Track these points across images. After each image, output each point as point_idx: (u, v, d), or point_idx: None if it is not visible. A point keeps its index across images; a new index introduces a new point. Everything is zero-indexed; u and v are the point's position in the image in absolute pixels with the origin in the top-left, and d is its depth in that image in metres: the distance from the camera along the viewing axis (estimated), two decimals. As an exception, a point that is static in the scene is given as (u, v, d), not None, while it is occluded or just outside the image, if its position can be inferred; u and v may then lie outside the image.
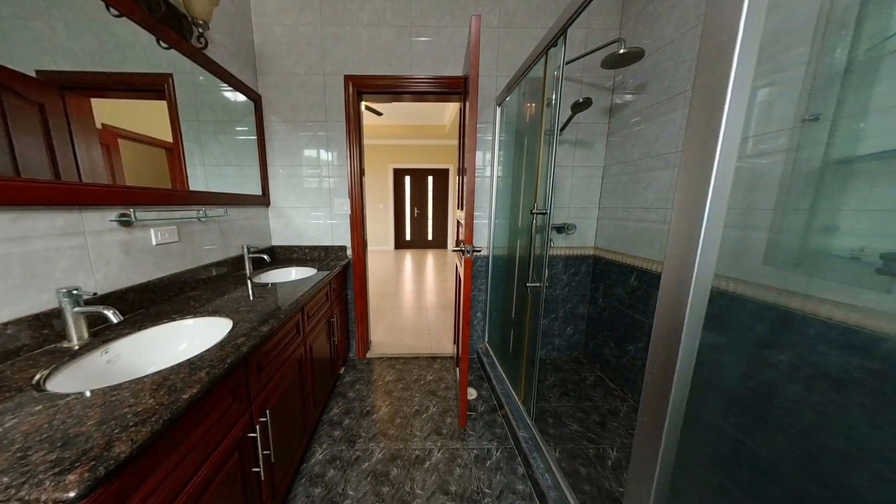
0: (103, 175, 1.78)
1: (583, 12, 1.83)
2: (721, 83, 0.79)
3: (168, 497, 1.11)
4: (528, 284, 2.58)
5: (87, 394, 1.12)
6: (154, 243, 2.09)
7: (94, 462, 0.83)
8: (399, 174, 12.29)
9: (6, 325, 1.35)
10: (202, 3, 2.30)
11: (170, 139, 2.25)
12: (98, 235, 1.73)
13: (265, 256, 3.03)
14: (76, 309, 1.49)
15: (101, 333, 1.61)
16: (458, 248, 2.77)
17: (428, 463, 2.51)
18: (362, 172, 3.77)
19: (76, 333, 1.50)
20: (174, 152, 2.29)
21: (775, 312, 1.72)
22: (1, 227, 1.35)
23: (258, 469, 1.69)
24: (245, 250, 2.94)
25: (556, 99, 2.16)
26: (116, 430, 0.93)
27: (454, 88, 3.54)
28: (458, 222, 3.30)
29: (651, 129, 2.96)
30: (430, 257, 11.51)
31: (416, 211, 12.73)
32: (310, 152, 3.65)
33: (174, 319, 1.82)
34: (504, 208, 3.58)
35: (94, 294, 1.68)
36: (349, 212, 3.77)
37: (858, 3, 1.43)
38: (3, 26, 1.39)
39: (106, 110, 1.78)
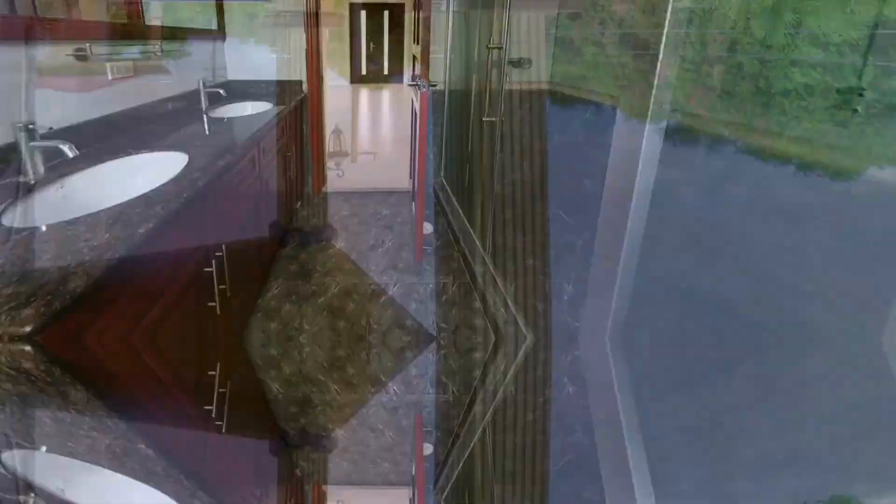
0: (59, 9, 1.71)
1: None
2: None
3: (124, 331, 1.16)
4: (483, 119, 2.56)
5: (43, 228, 1.15)
6: (110, 78, 2.05)
7: (50, 297, 0.83)
8: (354, 9, 11.66)
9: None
10: None
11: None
12: (54, 70, 1.70)
13: (221, 91, 2.98)
14: (32, 143, 1.49)
15: (58, 168, 1.61)
16: (414, 83, 2.74)
17: (384, 298, 2.60)
18: (318, 5, 3.60)
19: (32, 168, 1.51)
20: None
21: (732, 147, 1.71)
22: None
23: (214, 304, 1.71)
24: (201, 85, 2.87)
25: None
26: (72, 265, 0.95)
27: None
28: (414, 57, 3.23)
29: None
30: (386, 93, 11.40)
31: (371, 46, 12.22)
32: (267, -19, 3.44)
33: (130, 154, 1.84)
34: (460, 43, 3.41)
35: (50, 128, 1.67)
36: (305, 46, 3.64)
37: None
38: None
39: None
